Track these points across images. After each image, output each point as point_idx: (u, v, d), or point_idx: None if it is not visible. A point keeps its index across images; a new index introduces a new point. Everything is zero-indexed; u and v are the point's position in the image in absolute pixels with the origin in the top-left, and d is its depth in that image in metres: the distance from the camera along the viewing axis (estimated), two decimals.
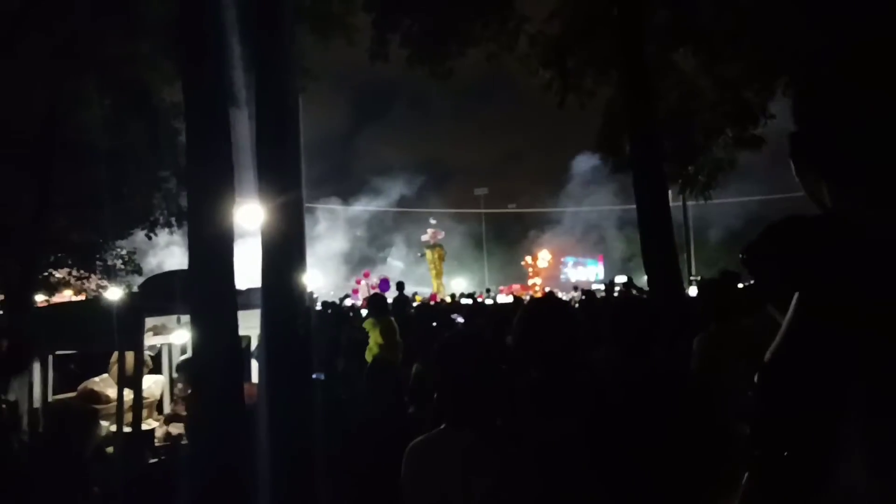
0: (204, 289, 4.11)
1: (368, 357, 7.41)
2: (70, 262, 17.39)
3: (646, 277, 8.36)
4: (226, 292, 4.13)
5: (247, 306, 4.88)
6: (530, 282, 48.24)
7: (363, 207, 55.41)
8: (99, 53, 12.25)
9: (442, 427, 2.04)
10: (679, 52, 10.05)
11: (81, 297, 17.15)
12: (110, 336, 5.69)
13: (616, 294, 17.09)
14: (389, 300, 9.50)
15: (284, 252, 4.60)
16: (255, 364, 5.86)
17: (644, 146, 8.12)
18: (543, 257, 51.49)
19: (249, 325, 5.24)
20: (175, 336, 6.43)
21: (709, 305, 4.79)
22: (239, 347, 4.57)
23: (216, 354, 4.01)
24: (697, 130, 10.88)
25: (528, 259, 51.83)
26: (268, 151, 4.59)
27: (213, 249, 4.11)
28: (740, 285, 5.23)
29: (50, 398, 5.81)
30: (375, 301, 8.53)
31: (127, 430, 5.11)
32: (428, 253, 47.08)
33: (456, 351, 2.10)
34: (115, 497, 4.29)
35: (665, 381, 2.56)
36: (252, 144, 4.80)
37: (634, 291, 15.13)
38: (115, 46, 12.36)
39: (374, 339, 7.47)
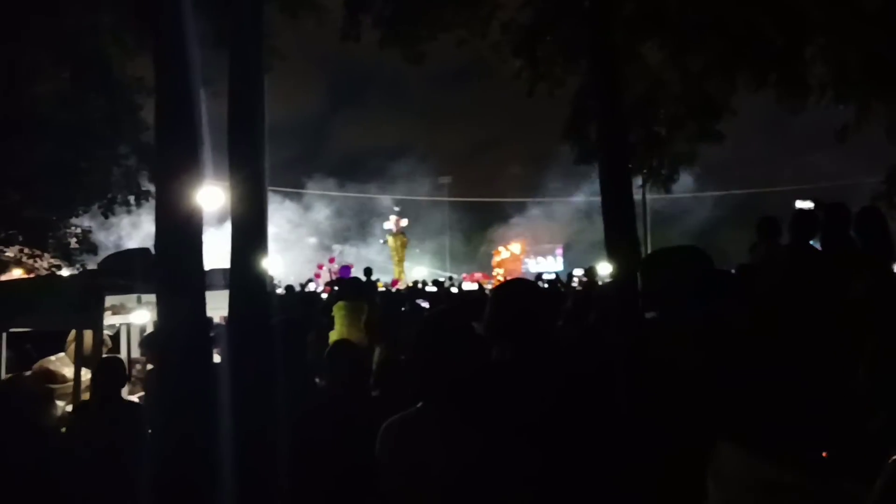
0: (171, 268, 4.04)
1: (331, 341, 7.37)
2: (21, 240, 16.88)
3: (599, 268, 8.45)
4: (194, 271, 4.06)
5: (209, 287, 4.82)
6: (494, 272, 48.46)
7: (325, 192, 54.94)
8: (57, 25, 11.89)
9: (419, 406, 2.05)
10: (646, 44, 10.12)
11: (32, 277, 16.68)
12: (68, 314, 5.58)
13: (575, 285, 17.29)
14: None
15: (250, 233, 4.57)
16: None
17: (610, 136, 8.18)
18: (514, 249, 51.76)
19: (211, 306, 5.18)
20: (135, 316, 6.33)
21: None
22: (206, 327, 4.52)
23: (182, 334, 3.95)
24: (661, 122, 11.00)
25: (501, 249, 52.04)
26: (239, 131, 4.55)
27: (181, 228, 4.04)
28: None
29: (3, 376, 5.67)
30: (350, 285, 8.55)
31: None
32: (390, 240, 47.00)
33: (439, 329, 2.12)
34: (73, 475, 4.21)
35: (627, 363, 2.60)
36: (210, 124, 4.76)
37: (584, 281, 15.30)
38: (75, 17, 12.01)
39: (340, 322, 7.43)
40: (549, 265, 50.84)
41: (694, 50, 9.40)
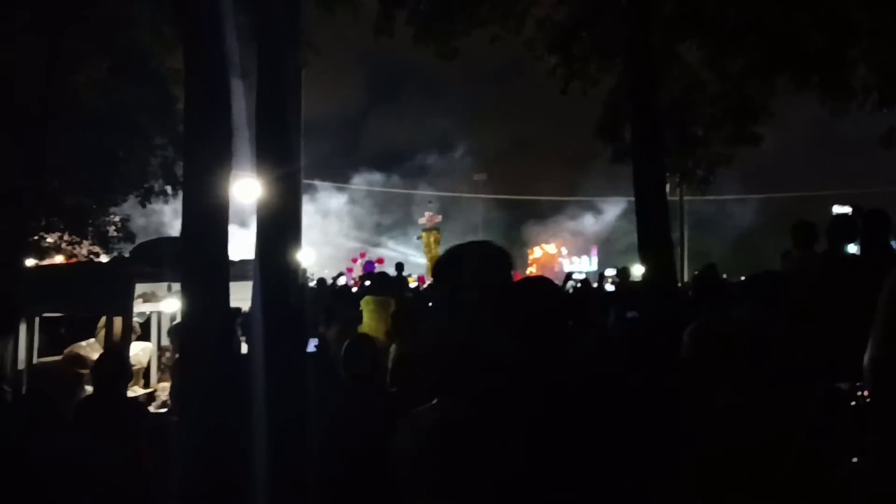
0: (197, 257, 4.07)
1: None
2: (62, 227, 17.25)
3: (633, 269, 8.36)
4: (219, 261, 4.09)
5: (238, 278, 4.86)
6: (527, 270, 48.25)
7: (360, 187, 55.23)
8: (98, 14, 12.12)
9: (435, 402, 2.03)
10: (684, 44, 9.98)
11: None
12: (99, 300, 5.67)
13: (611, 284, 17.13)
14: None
15: (280, 225, 4.58)
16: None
17: (645, 136, 8.08)
18: (550, 248, 51.53)
19: (239, 296, 5.22)
20: (165, 304, 6.40)
21: (702, 296, 4.78)
22: (230, 317, 4.55)
23: (206, 323, 3.98)
24: (698, 123, 10.85)
25: (536, 248, 51.89)
26: (267, 123, 4.55)
27: (208, 218, 4.07)
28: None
29: (35, 360, 5.79)
30: (377, 279, 8.56)
31: None
32: (424, 236, 47.03)
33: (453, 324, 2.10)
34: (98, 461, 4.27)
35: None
36: (247, 117, 4.75)
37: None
38: (116, 8, 12.24)
39: (368, 316, 7.44)
40: (583, 265, 50.44)
41: (733, 51, 9.24)
